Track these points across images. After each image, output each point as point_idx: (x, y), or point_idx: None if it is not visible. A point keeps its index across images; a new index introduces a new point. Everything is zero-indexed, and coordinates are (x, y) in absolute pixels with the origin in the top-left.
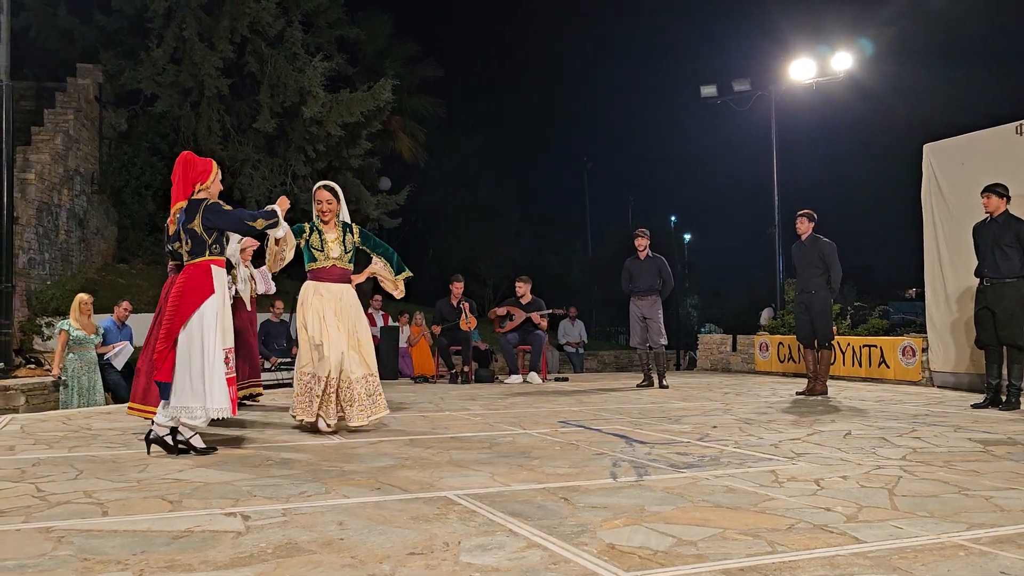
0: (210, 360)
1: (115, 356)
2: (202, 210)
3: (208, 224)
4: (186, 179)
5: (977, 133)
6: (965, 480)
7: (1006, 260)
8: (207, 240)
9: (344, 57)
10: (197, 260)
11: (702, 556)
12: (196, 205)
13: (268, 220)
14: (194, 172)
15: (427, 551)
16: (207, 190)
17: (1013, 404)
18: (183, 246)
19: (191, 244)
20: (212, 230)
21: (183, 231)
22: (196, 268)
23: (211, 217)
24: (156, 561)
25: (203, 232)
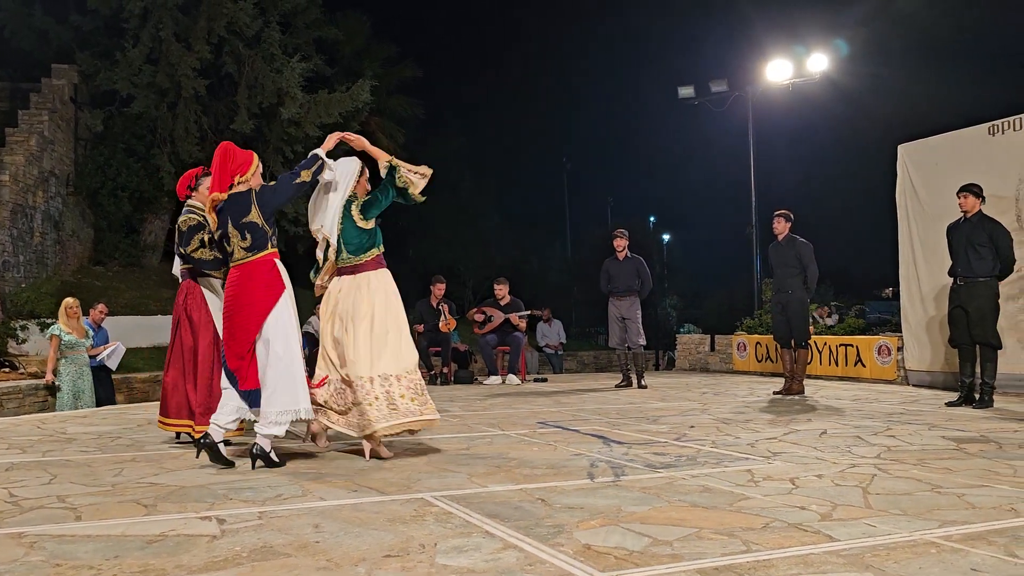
0: (298, 360)
1: (108, 357)
2: (255, 200)
3: (267, 209)
4: (224, 170)
5: (951, 134)
6: (938, 478)
7: (979, 260)
8: (268, 232)
9: (322, 58)
10: (259, 255)
11: (677, 556)
12: (244, 198)
13: (311, 168)
14: (234, 163)
15: (403, 553)
16: (247, 182)
17: (986, 402)
18: (238, 242)
19: (251, 239)
20: (272, 217)
21: (235, 227)
22: (259, 264)
23: (269, 199)
24: (129, 566)
25: (264, 223)
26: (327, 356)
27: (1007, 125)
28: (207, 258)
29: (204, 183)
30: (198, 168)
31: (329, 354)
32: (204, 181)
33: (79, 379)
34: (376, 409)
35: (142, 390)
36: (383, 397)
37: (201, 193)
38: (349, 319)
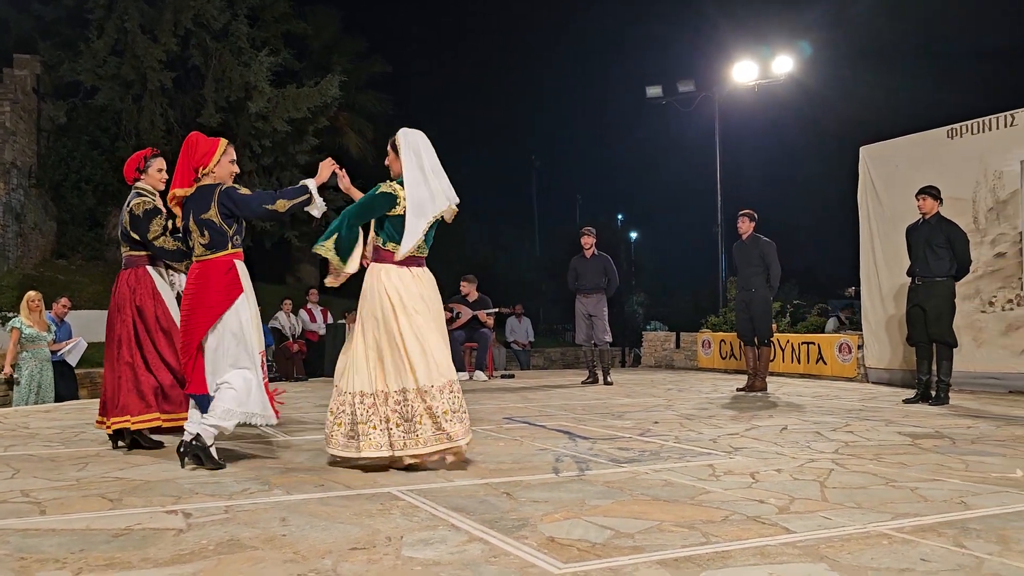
0: (252, 365)
1: (68, 353)
2: (217, 196)
3: (226, 212)
4: (185, 164)
5: (910, 136)
6: (893, 472)
7: (937, 260)
8: (227, 231)
9: (291, 52)
10: (218, 255)
11: (639, 548)
12: (208, 192)
13: (293, 199)
14: (196, 155)
15: (369, 546)
16: (212, 174)
17: (942, 399)
18: (198, 238)
19: (208, 236)
20: (232, 219)
21: (195, 223)
22: (217, 264)
23: (227, 204)
24: (95, 559)
25: (222, 222)
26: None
27: (965, 129)
28: (170, 247)
29: (153, 165)
30: (147, 149)
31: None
32: (153, 163)
33: (40, 373)
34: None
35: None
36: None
37: (151, 176)
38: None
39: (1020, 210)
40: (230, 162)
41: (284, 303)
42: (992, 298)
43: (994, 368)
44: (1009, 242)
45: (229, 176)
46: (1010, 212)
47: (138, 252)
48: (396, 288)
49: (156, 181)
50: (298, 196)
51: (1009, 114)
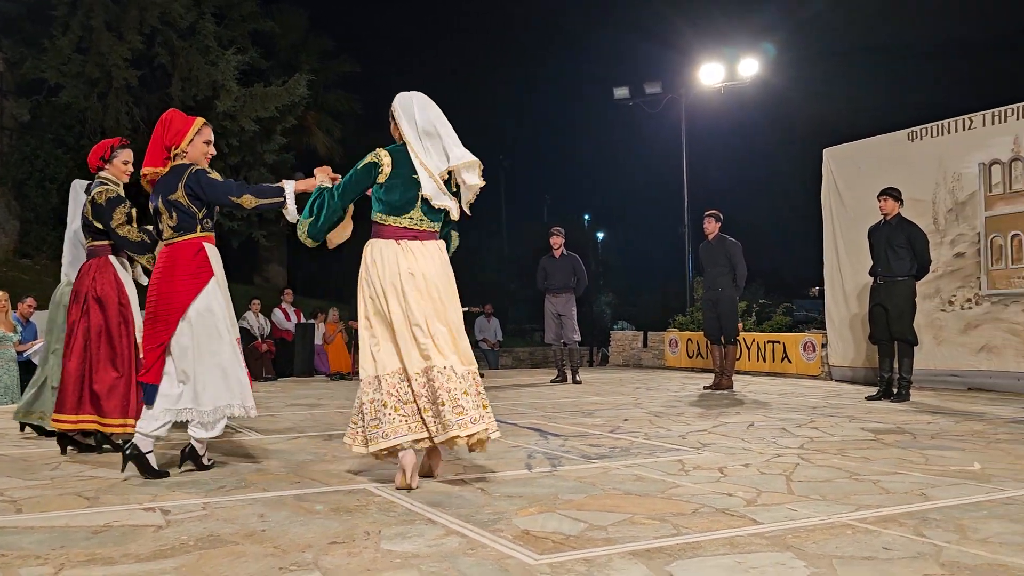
0: (230, 353)
1: (35, 353)
2: (186, 178)
3: (192, 194)
4: (157, 143)
5: (872, 138)
6: (856, 466)
7: (898, 260)
8: (196, 212)
9: (258, 51)
10: (185, 237)
11: (611, 540)
12: (178, 172)
13: (264, 198)
14: (168, 133)
15: (348, 540)
16: (185, 154)
17: (903, 396)
18: (166, 220)
19: (176, 218)
20: (199, 201)
21: (163, 204)
22: (185, 247)
23: (194, 187)
24: (76, 555)
25: (190, 204)
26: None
27: (925, 131)
28: (133, 238)
29: (120, 156)
30: (115, 139)
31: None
32: (120, 154)
33: (5, 374)
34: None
35: None
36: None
37: (115, 167)
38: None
39: (978, 211)
40: (204, 143)
41: (252, 303)
42: (951, 297)
43: (954, 365)
44: (968, 242)
45: (203, 157)
46: (968, 213)
47: (101, 242)
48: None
49: (120, 172)
50: (271, 197)
51: (967, 117)
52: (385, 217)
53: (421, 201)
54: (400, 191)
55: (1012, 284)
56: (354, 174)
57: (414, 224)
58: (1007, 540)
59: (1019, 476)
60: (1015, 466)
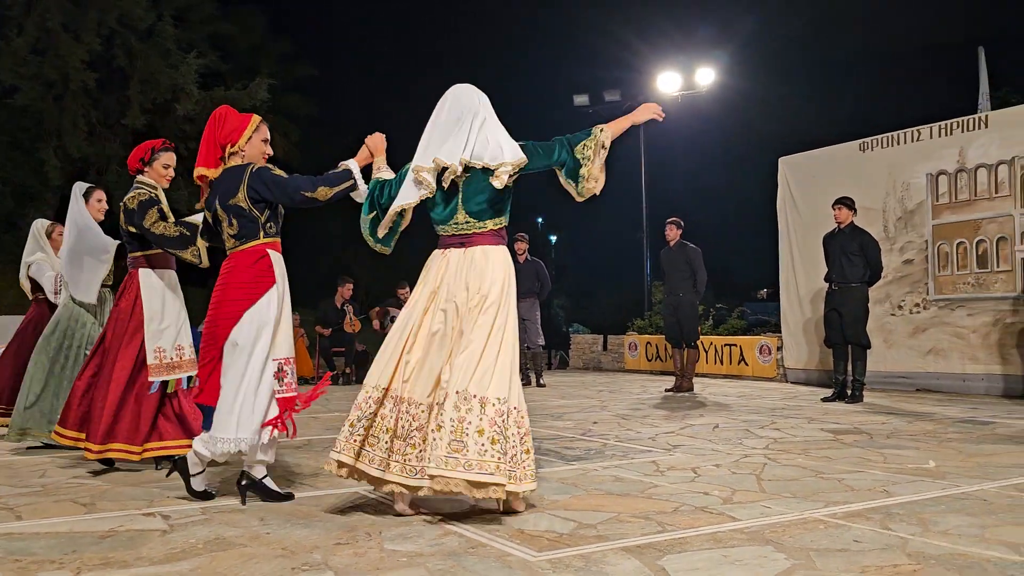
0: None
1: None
2: (247, 179)
3: (255, 196)
4: (211, 140)
5: (826, 149)
6: (820, 465)
7: (852, 267)
8: (259, 217)
9: (217, 54)
10: (248, 245)
11: (603, 537)
12: (236, 174)
13: (336, 186)
14: (223, 130)
15: (352, 541)
16: (242, 153)
17: (857, 397)
18: (226, 227)
19: (237, 225)
20: (262, 204)
21: (223, 210)
22: (246, 255)
23: (257, 187)
24: (90, 559)
25: (252, 207)
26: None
27: (876, 143)
28: (171, 234)
29: (161, 158)
30: (156, 140)
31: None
32: (161, 156)
33: None
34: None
35: None
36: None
37: (155, 170)
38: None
39: (926, 220)
40: (263, 141)
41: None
42: (901, 302)
43: (903, 368)
44: (916, 249)
45: (261, 157)
46: (917, 221)
47: (135, 253)
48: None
49: (160, 176)
50: (341, 182)
51: (916, 130)
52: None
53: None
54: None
55: (957, 290)
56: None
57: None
58: (965, 532)
59: (970, 473)
60: (966, 464)
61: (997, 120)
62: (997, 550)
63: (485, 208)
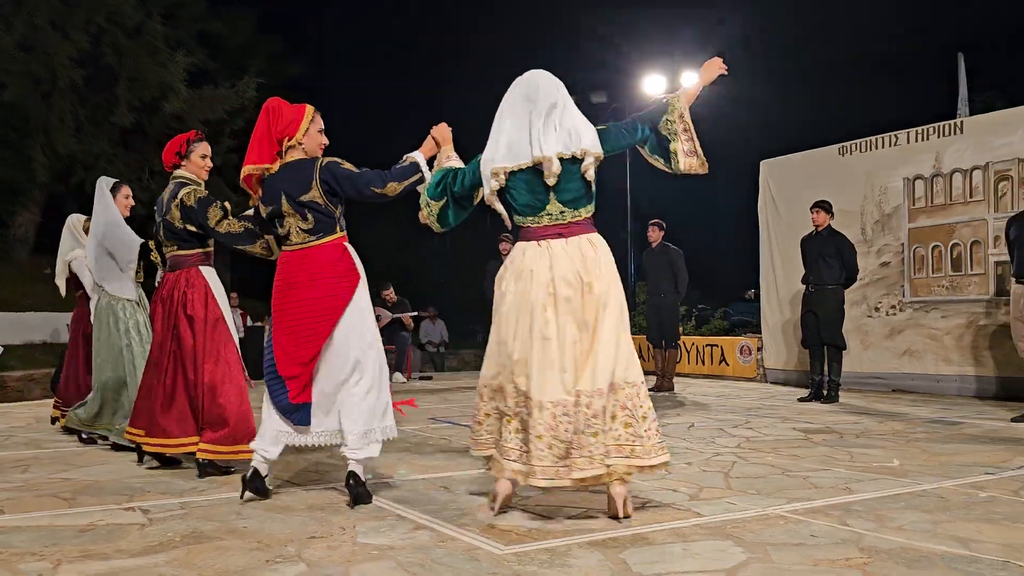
0: (383, 364)
1: None
2: (318, 173)
3: (329, 191)
4: (267, 135)
5: (806, 152)
6: (788, 463)
7: (828, 269)
8: (335, 211)
9: (205, 52)
10: (325, 240)
11: (569, 532)
12: (304, 170)
13: (404, 180)
14: (279, 123)
15: (326, 535)
16: (300, 146)
17: (833, 397)
18: (296, 223)
19: (313, 221)
20: (337, 199)
21: (291, 206)
22: (326, 250)
23: (330, 181)
24: (70, 552)
25: (327, 203)
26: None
27: (854, 147)
28: (236, 230)
29: (197, 150)
30: (190, 132)
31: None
32: (197, 147)
33: None
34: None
35: (16, 388)
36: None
37: (193, 162)
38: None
39: (902, 223)
40: (319, 131)
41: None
42: (878, 304)
43: (879, 368)
44: (893, 252)
45: (319, 148)
46: (894, 225)
47: (188, 251)
48: (505, 270)
49: (199, 168)
50: (410, 176)
51: (893, 135)
52: (517, 217)
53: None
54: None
55: (932, 292)
56: (476, 168)
57: (544, 219)
58: (918, 527)
59: (933, 471)
60: (930, 462)
61: (972, 126)
62: (947, 544)
63: (580, 196)
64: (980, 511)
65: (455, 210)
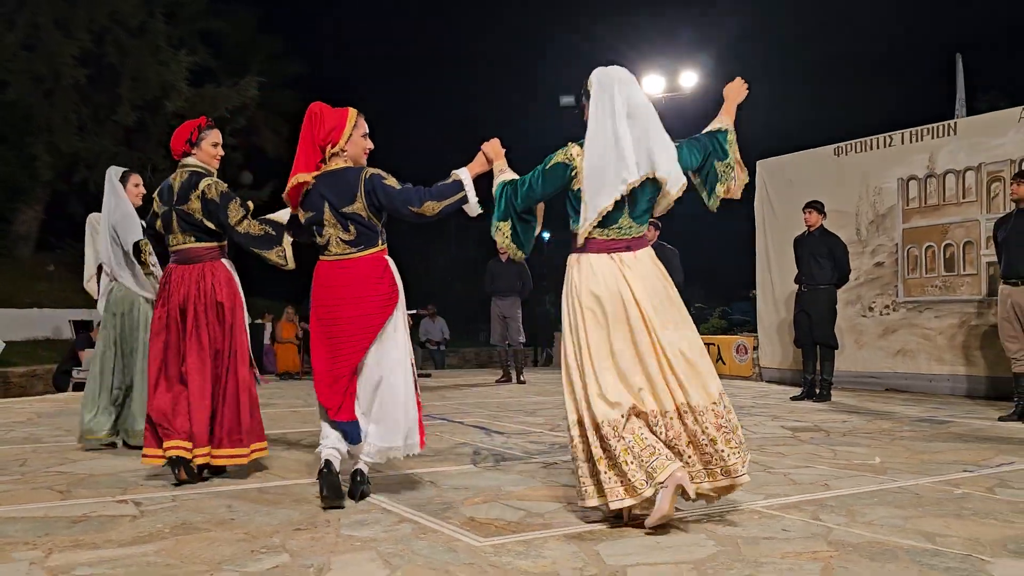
0: (412, 384)
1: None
2: (363, 185)
3: (372, 204)
4: (310, 143)
5: (802, 152)
6: (771, 461)
7: (820, 269)
8: (377, 224)
9: (207, 51)
10: (367, 252)
11: (548, 525)
12: (350, 180)
13: (444, 200)
14: (322, 130)
15: (311, 527)
16: (343, 153)
17: (824, 396)
18: (337, 233)
19: (355, 232)
20: (380, 212)
21: (334, 216)
22: (370, 263)
23: (372, 195)
24: (62, 541)
25: (371, 216)
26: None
27: (850, 147)
28: (256, 232)
29: (208, 137)
30: (200, 118)
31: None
32: (208, 135)
33: None
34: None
35: (19, 384)
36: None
37: (204, 151)
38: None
39: (897, 224)
40: (363, 136)
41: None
42: (872, 303)
43: (873, 368)
44: (887, 253)
45: (363, 153)
46: (888, 225)
47: (206, 243)
48: (577, 284)
49: (210, 157)
50: (451, 196)
51: (888, 135)
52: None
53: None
54: None
55: (926, 292)
56: (541, 175)
57: (620, 233)
58: (888, 522)
59: (912, 469)
60: (911, 460)
61: (965, 128)
62: (913, 539)
63: (646, 213)
64: (951, 507)
65: (521, 227)
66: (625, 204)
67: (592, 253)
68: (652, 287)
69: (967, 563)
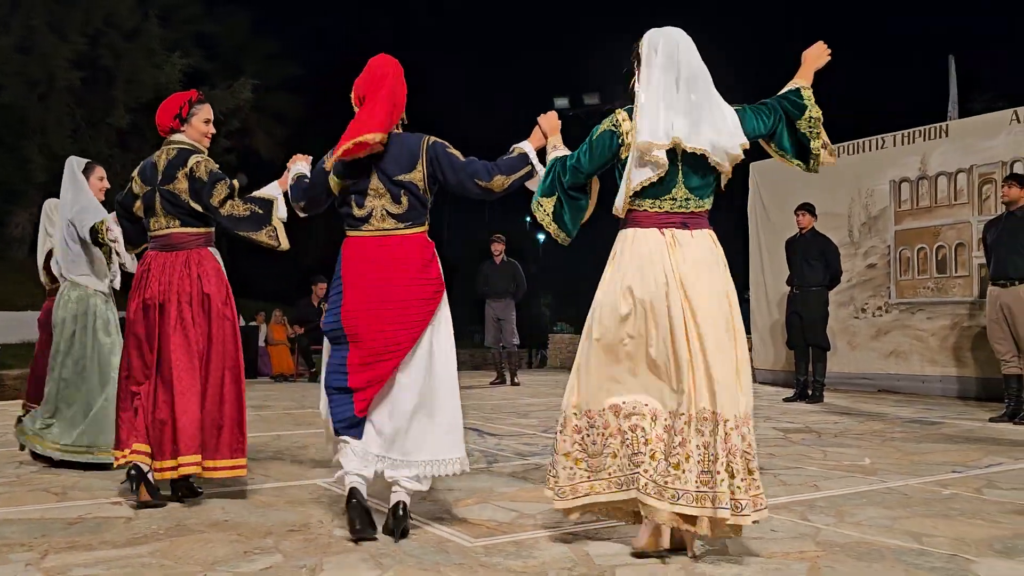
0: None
1: None
2: (426, 152)
3: (431, 175)
4: (391, 99)
5: None
6: (762, 462)
7: (812, 271)
8: (429, 200)
9: (201, 53)
10: (416, 230)
11: (539, 525)
12: (408, 145)
13: (513, 174)
14: (404, 91)
15: (304, 528)
16: (403, 120)
17: (817, 397)
18: (385, 204)
19: (407, 205)
20: (436, 185)
21: (385, 183)
22: (417, 243)
23: (434, 164)
24: (57, 543)
25: (427, 188)
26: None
27: (842, 149)
28: (241, 213)
29: (200, 112)
30: (190, 91)
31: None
32: (200, 110)
33: None
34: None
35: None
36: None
37: (195, 127)
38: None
39: (889, 225)
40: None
41: None
42: (864, 305)
43: (866, 369)
44: (879, 254)
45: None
46: (880, 227)
47: (192, 229)
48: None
49: (200, 135)
50: (519, 170)
51: (880, 138)
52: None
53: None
54: None
55: (918, 294)
56: (589, 147)
57: (677, 206)
58: (876, 523)
59: (902, 470)
60: (901, 461)
61: (957, 130)
62: (900, 539)
63: (708, 185)
64: (939, 507)
65: (569, 205)
66: (679, 173)
67: (641, 228)
68: (702, 279)
69: (953, 563)
